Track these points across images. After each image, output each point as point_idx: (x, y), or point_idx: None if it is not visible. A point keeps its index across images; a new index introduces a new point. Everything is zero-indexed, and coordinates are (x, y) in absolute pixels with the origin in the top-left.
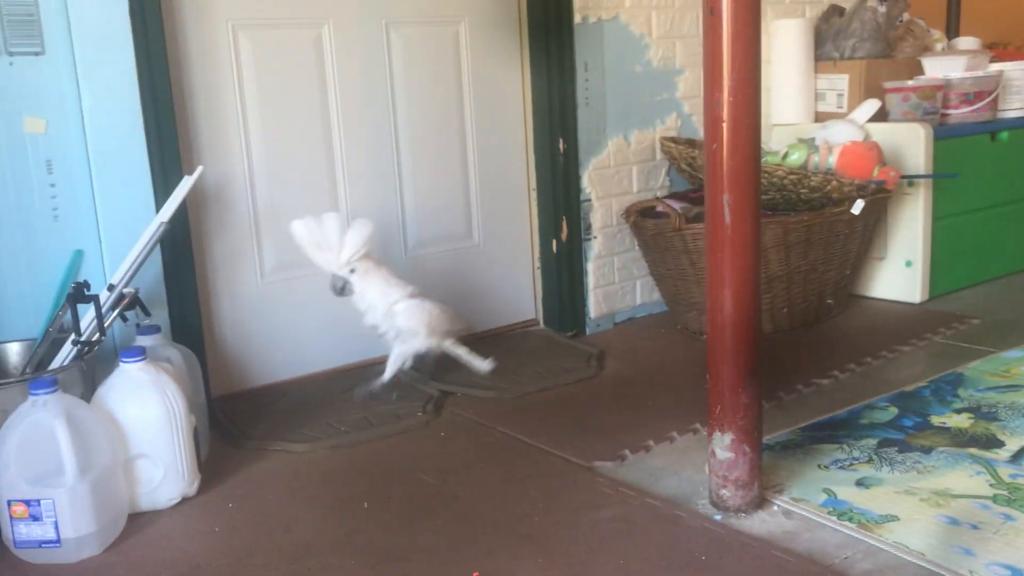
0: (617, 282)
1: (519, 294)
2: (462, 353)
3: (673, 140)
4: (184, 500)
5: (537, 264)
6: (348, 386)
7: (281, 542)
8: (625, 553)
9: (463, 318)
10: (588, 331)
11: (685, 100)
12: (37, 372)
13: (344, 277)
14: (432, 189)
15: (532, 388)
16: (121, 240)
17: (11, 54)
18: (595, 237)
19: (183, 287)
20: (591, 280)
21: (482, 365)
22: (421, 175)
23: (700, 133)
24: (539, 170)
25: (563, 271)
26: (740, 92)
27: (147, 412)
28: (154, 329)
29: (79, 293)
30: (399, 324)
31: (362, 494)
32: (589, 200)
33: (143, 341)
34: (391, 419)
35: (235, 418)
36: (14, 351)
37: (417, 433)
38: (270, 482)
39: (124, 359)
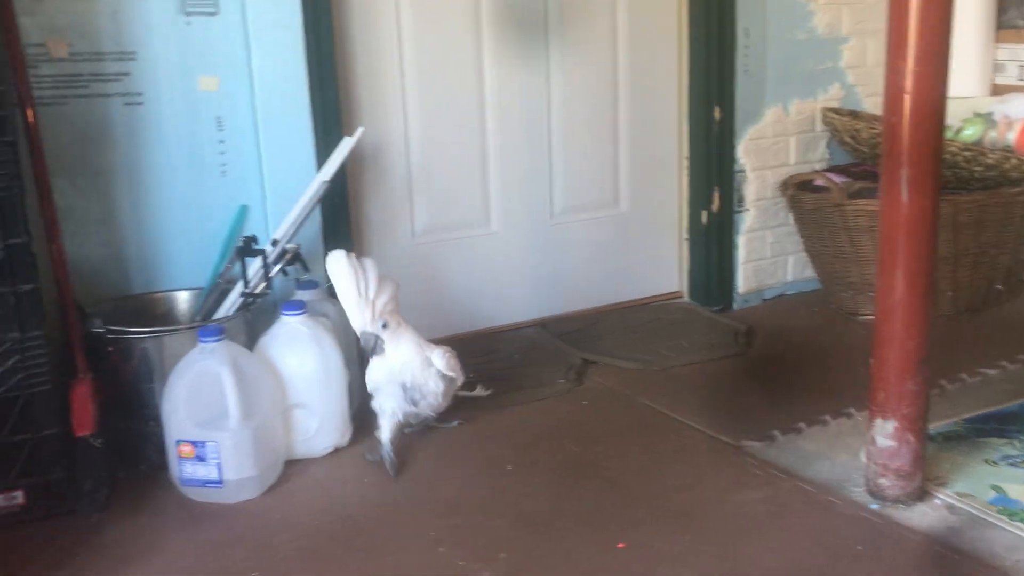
0: (768, 257)
1: (664, 265)
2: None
3: (835, 111)
4: (337, 450)
5: (685, 235)
6: (492, 347)
7: (428, 498)
8: (776, 537)
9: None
10: (735, 306)
11: (850, 70)
12: (205, 321)
13: (376, 334)
14: (581, 154)
15: (676, 362)
16: (283, 196)
17: (188, 14)
18: (748, 210)
19: (340, 244)
20: (741, 254)
21: (478, 392)
22: (571, 140)
23: (864, 105)
24: (692, 139)
25: (712, 243)
26: (927, 62)
27: (306, 364)
28: (313, 284)
29: (248, 247)
30: (436, 376)
31: (506, 457)
32: (743, 171)
33: (302, 295)
34: (534, 385)
35: None
36: (182, 299)
37: (559, 400)
38: (418, 438)
39: (286, 312)
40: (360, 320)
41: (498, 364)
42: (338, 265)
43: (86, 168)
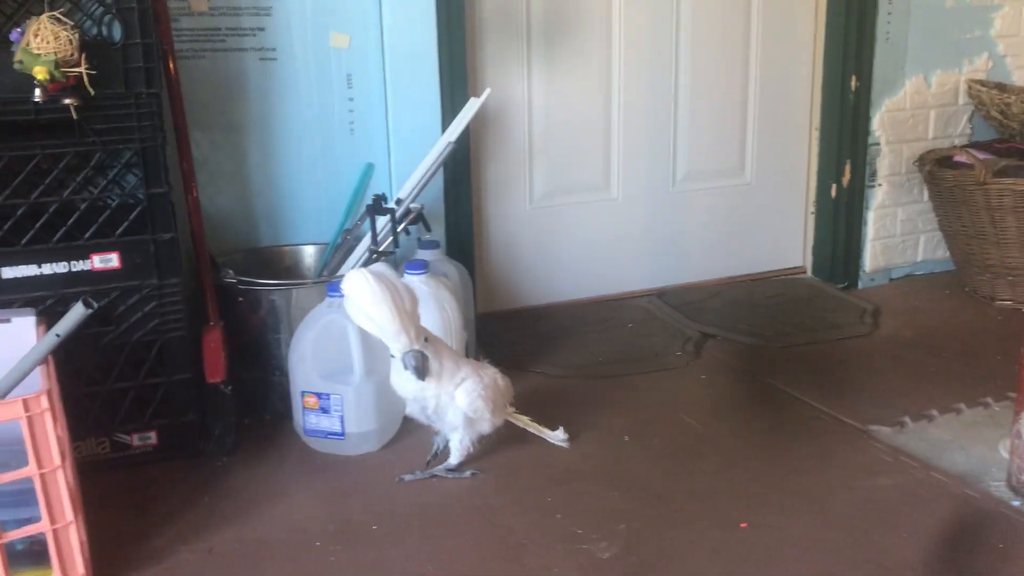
0: (899, 235)
1: (788, 239)
2: (527, 422)
3: (982, 84)
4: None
5: (811, 209)
6: (606, 315)
7: (544, 463)
8: (909, 527)
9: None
10: (860, 285)
11: (1000, 39)
12: (332, 276)
13: (423, 351)
14: (708, 120)
15: (799, 340)
16: (408, 156)
17: None
18: (880, 184)
19: (460, 206)
20: (870, 230)
21: (555, 437)
22: (698, 105)
23: (1015, 77)
24: (825, 108)
25: (840, 218)
26: None
27: (426, 322)
28: (434, 244)
29: (377, 205)
30: (464, 405)
31: (622, 427)
32: (878, 144)
33: (424, 255)
34: (650, 356)
35: (498, 337)
36: (308, 253)
37: (676, 373)
38: (531, 402)
39: (409, 271)
40: (403, 340)
41: (613, 333)
42: (365, 284)
43: (220, 122)
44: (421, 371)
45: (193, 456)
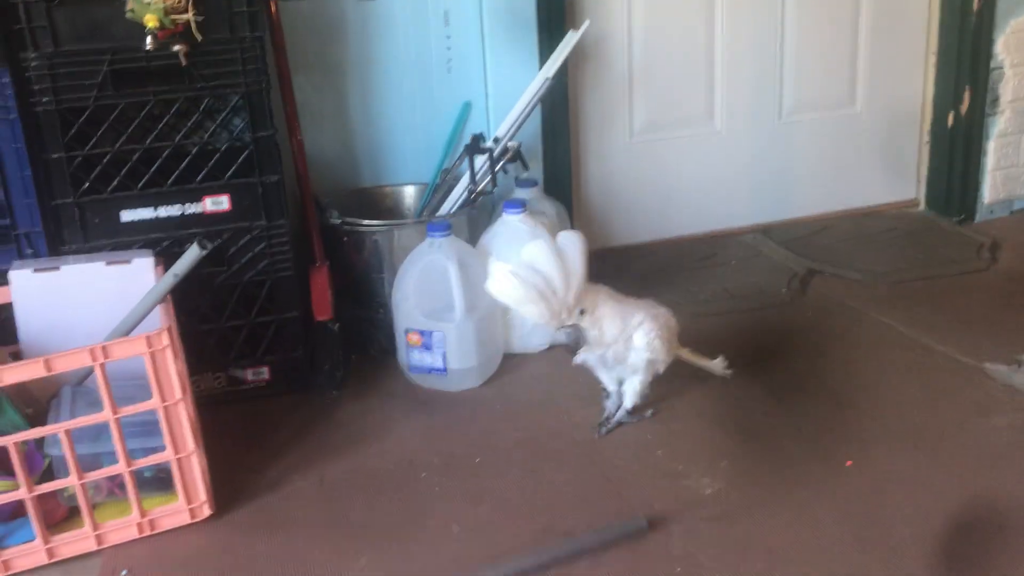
0: (1021, 164)
1: (901, 171)
2: (691, 355)
3: None
4: (552, 347)
5: (926, 139)
6: (709, 253)
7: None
8: (1022, 467)
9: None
10: (978, 218)
11: None
12: (432, 216)
13: (577, 324)
14: (817, 48)
15: (911, 275)
16: (505, 93)
17: None
18: (1002, 112)
19: (558, 143)
20: (990, 160)
21: (717, 367)
22: (806, 31)
23: None
24: (943, 31)
25: (958, 148)
26: None
27: None
28: (532, 183)
29: (476, 144)
30: (643, 347)
31: (728, 364)
32: (1001, 68)
33: (522, 194)
34: (755, 293)
35: (597, 275)
36: (408, 194)
37: (782, 310)
38: None
39: (507, 210)
40: (555, 324)
41: (716, 271)
42: (509, 287)
43: (321, 64)
44: (573, 347)
45: (304, 391)
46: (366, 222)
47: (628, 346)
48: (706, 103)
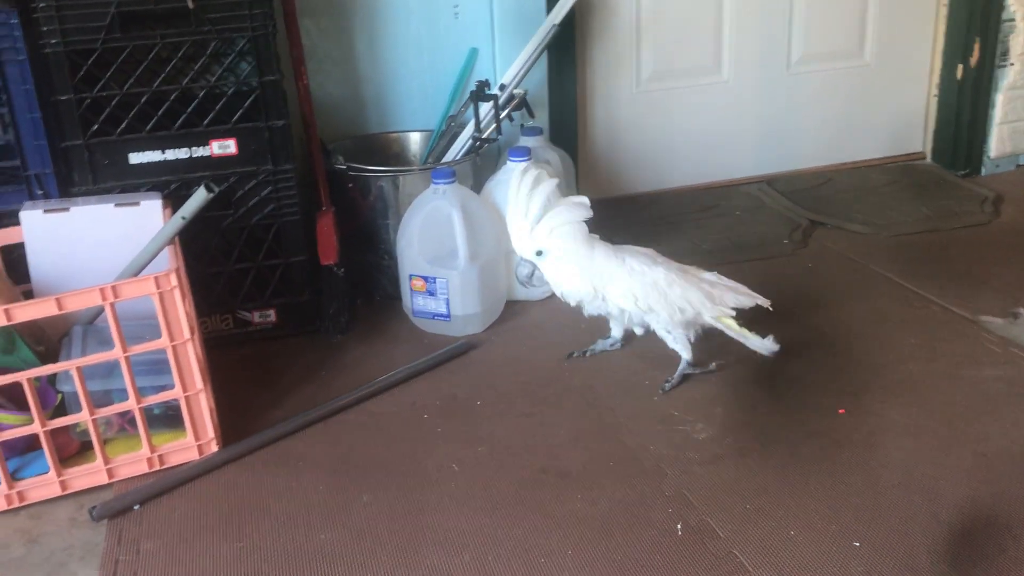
0: None
1: (908, 123)
2: (736, 328)
3: None
4: (553, 296)
5: (934, 91)
6: (713, 203)
7: (640, 345)
8: (1012, 417)
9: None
10: (984, 171)
11: None
12: (436, 163)
13: (532, 261)
14: None
15: (913, 228)
16: (511, 40)
17: None
18: (1011, 64)
19: (564, 91)
20: (998, 114)
21: (764, 346)
22: None
23: None
24: None
25: (965, 101)
26: None
27: None
28: (537, 131)
29: (481, 91)
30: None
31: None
32: (1012, 20)
33: (526, 142)
34: (757, 243)
35: (601, 224)
36: (414, 140)
37: (783, 261)
38: None
39: (512, 157)
40: (517, 243)
41: (720, 221)
42: (514, 179)
43: (328, 8)
44: (522, 281)
45: (309, 333)
46: (371, 168)
47: (605, 300)
48: (714, 53)
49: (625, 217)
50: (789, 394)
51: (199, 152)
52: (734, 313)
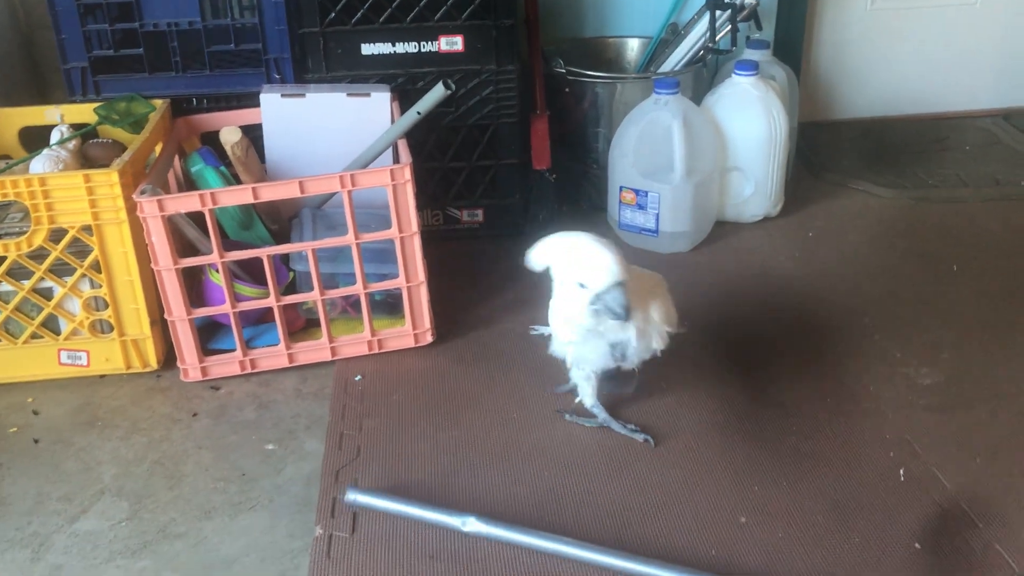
0: None
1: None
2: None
3: None
4: (766, 219)
5: None
6: (942, 135)
7: (860, 280)
8: None
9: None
10: None
11: None
12: (656, 72)
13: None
14: None
15: None
16: None
17: None
18: None
19: (794, 5)
20: None
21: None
22: None
23: None
24: None
25: None
26: None
27: (751, 128)
28: (764, 44)
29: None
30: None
31: (951, 256)
32: None
33: (752, 55)
34: (989, 184)
35: (818, 148)
36: (630, 47)
37: (1018, 204)
38: (851, 221)
39: (738, 71)
40: (613, 272)
41: (949, 155)
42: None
43: None
44: (626, 310)
45: (515, 235)
46: (592, 73)
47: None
48: None
49: (847, 143)
50: (1020, 343)
51: (427, 47)
52: None
